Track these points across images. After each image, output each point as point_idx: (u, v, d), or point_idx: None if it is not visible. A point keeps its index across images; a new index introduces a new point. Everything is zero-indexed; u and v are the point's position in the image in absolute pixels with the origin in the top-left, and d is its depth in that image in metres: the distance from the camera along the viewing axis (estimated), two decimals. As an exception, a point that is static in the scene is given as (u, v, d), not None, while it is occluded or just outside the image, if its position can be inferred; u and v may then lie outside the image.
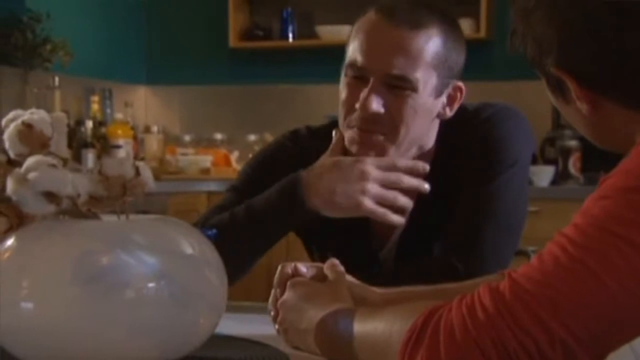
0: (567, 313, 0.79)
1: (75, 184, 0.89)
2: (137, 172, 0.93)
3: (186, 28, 4.46)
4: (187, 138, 4.30)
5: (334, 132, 1.42)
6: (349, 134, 1.39)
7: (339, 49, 1.42)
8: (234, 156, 4.07)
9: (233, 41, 4.18)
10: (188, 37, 4.46)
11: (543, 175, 3.49)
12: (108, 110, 4.09)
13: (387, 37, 1.34)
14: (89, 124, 3.81)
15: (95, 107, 3.98)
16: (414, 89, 1.34)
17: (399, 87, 1.34)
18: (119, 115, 4.08)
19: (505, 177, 1.40)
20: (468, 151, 1.41)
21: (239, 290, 1.26)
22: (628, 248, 0.79)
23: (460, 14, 3.87)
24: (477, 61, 1.47)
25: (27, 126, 0.95)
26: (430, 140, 1.44)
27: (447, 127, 1.44)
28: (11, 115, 0.99)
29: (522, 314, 0.80)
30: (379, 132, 1.36)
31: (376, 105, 1.34)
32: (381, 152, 1.37)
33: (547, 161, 3.64)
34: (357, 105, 1.35)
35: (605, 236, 0.80)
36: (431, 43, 1.35)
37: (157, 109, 4.50)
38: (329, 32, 4.05)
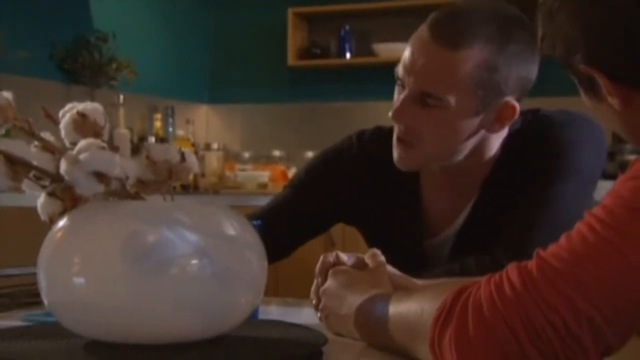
0: (594, 290, 0.80)
1: (124, 167, 0.94)
2: (183, 157, 0.97)
3: (246, 48, 4.56)
4: (246, 155, 4.39)
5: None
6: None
7: (396, 66, 1.43)
8: (291, 172, 4.13)
9: (292, 60, 4.26)
10: (248, 56, 4.56)
11: (603, 190, 3.44)
12: (170, 128, 4.21)
13: (426, 55, 1.35)
14: (152, 140, 3.93)
15: (157, 124, 4.11)
16: (446, 108, 1.35)
17: (429, 104, 1.36)
18: (180, 132, 4.20)
19: (565, 184, 1.38)
20: (534, 154, 1.40)
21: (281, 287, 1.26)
22: None
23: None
24: (538, 77, 1.45)
25: (82, 115, 1.01)
26: (488, 151, 1.43)
27: (520, 131, 1.44)
28: (67, 106, 1.05)
29: (549, 290, 0.81)
30: (409, 141, 1.39)
31: (402, 117, 1.38)
32: (412, 162, 1.41)
33: (608, 176, 3.59)
34: (390, 113, 1.40)
35: (633, 215, 0.81)
36: (469, 64, 1.32)
37: (217, 126, 4.59)
38: (385, 50, 4.09)
